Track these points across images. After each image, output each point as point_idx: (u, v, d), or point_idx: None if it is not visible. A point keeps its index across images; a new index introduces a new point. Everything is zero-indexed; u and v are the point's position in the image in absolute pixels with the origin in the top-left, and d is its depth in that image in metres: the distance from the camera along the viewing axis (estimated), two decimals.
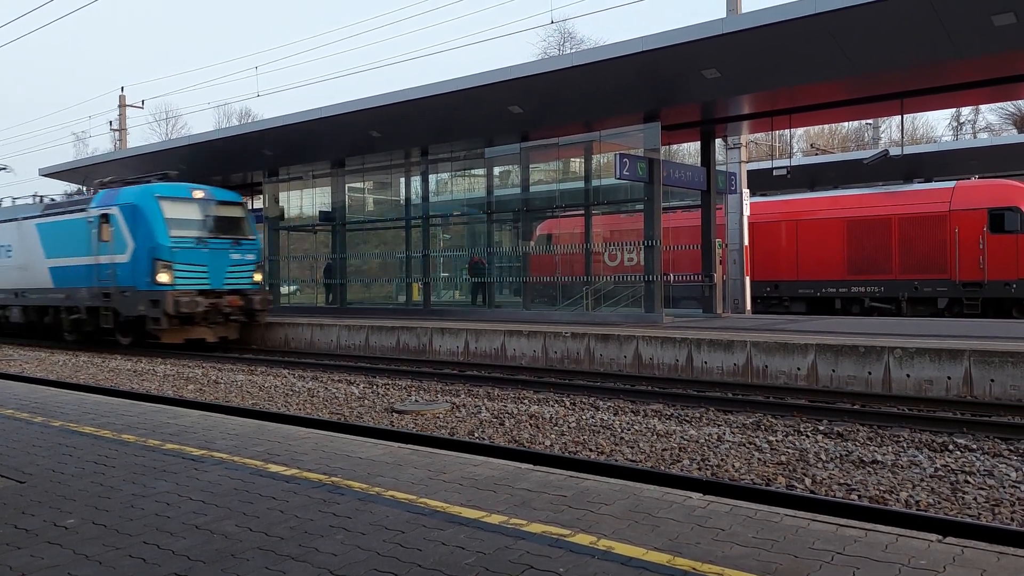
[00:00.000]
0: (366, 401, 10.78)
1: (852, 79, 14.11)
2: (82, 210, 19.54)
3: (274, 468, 5.57)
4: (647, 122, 16.97)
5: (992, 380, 9.79)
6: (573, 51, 42.18)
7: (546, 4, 40.20)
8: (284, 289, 25.89)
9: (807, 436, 7.88)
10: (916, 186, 22.09)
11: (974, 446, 7.33)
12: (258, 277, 19.27)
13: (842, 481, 6.38)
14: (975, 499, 5.86)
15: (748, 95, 15.83)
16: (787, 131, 41.85)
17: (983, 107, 46.88)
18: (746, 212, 19.67)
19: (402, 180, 23.67)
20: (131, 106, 33.79)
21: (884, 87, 14.56)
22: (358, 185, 25.18)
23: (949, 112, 49.92)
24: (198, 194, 18.69)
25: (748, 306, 19.52)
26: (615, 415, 9.24)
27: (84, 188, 25.30)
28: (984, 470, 6.55)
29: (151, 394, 11.78)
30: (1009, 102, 39.48)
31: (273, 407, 10.64)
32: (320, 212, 24.77)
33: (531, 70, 16.33)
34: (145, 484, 5.17)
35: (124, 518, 4.45)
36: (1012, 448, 7.23)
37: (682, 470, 6.92)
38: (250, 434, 6.87)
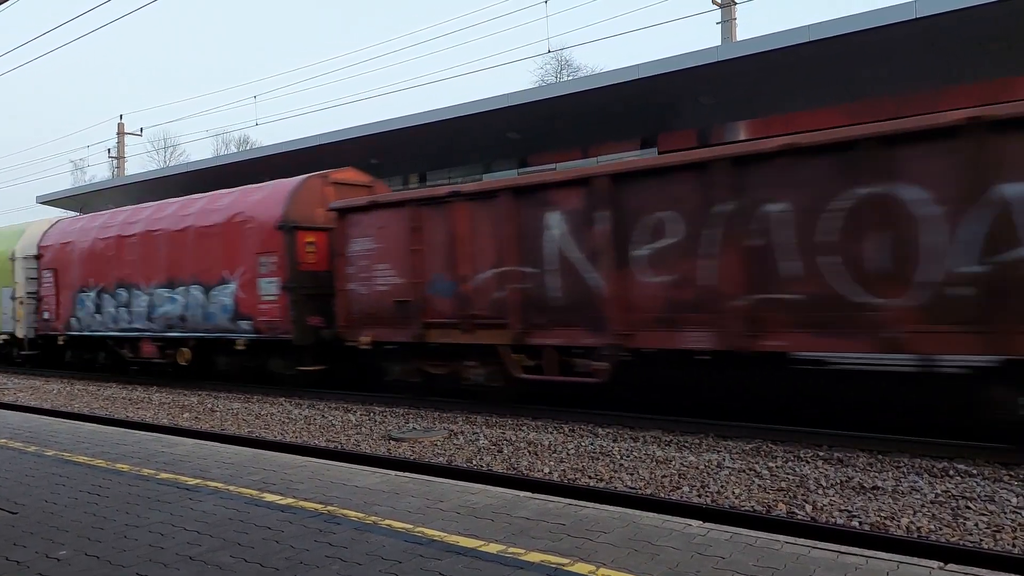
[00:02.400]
0: (363, 428, 10.71)
1: (847, 105, 14.23)
2: None
3: (270, 497, 5.53)
4: (644, 148, 17.09)
5: None
6: (570, 78, 42.55)
7: (543, 33, 40.69)
8: None
9: (807, 462, 7.83)
10: None
11: (974, 471, 7.28)
12: None
13: (843, 507, 6.33)
14: (976, 525, 5.82)
15: (744, 122, 15.96)
16: None
17: None
18: None
19: None
20: (130, 134, 33.95)
21: (880, 113, 14.67)
22: None
23: None
24: None
25: None
26: (614, 441, 9.18)
27: None
28: (985, 496, 6.51)
29: (146, 422, 11.70)
30: None
31: (269, 435, 10.57)
32: None
33: (529, 97, 16.47)
34: (139, 514, 5.12)
35: (117, 549, 4.40)
36: (1012, 473, 7.18)
37: (682, 497, 6.87)
38: (246, 463, 6.82)
